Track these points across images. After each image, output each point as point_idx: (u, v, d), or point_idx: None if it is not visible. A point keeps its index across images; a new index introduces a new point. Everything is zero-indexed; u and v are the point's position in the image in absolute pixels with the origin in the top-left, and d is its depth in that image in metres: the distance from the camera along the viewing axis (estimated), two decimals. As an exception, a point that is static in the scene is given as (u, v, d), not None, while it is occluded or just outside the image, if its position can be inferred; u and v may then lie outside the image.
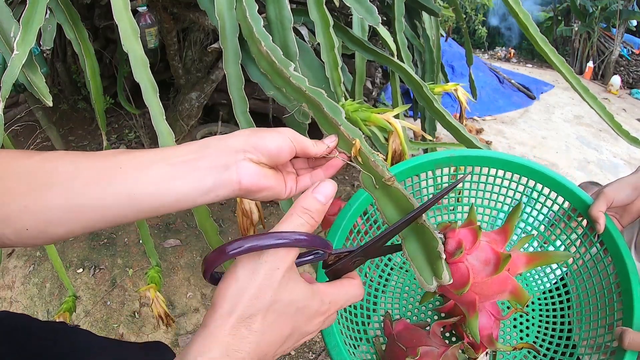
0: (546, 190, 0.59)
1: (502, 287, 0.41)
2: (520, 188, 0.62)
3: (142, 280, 1.73)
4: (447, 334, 0.58)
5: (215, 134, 2.43)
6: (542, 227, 0.63)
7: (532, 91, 4.20)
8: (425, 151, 1.51)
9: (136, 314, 1.60)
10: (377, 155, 0.43)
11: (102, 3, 1.64)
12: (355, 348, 0.53)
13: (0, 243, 0.32)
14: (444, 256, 0.36)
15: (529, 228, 0.64)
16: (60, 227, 0.33)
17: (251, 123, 0.66)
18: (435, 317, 0.60)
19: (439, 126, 1.03)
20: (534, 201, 0.62)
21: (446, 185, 0.62)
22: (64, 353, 0.61)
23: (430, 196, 0.64)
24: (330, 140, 0.44)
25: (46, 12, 0.74)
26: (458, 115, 1.28)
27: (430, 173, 0.61)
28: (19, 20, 0.69)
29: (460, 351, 0.50)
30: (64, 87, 2.48)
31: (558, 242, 0.61)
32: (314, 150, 0.42)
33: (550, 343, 0.57)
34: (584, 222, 0.56)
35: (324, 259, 0.35)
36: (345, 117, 0.46)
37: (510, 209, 0.65)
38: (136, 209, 0.34)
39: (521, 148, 3.19)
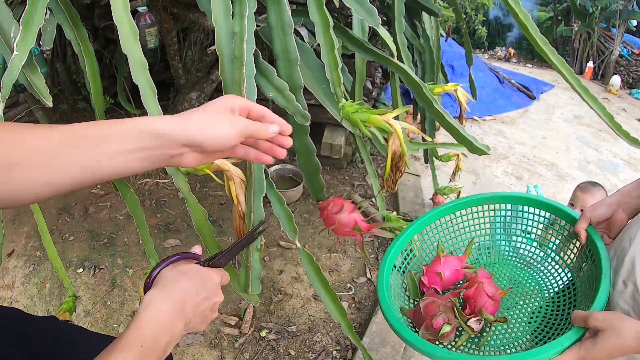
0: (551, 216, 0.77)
1: None
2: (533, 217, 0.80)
3: (142, 280, 1.73)
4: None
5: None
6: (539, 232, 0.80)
7: (532, 91, 4.20)
8: (425, 152, 1.51)
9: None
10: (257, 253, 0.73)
11: (102, 3, 1.64)
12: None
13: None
14: None
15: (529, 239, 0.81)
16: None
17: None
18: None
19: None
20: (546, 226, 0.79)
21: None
22: (66, 342, 0.63)
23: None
24: (272, 130, 0.53)
25: (46, 13, 0.74)
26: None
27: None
28: (19, 21, 0.69)
29: (458, 303, 0.70)
30: (64, 87, 2.48)
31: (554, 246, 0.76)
32: (259, 134, 0.52)
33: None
34: (578, 243, 0.70)
35: (201, 261, 0.58)
36: (266, 193, 0.69)
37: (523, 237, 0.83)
38: (95, 179, 0.43)
39: (521, 148, 3.19)
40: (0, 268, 1.74)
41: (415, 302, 0.77)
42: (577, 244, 0.71)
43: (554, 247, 0.76)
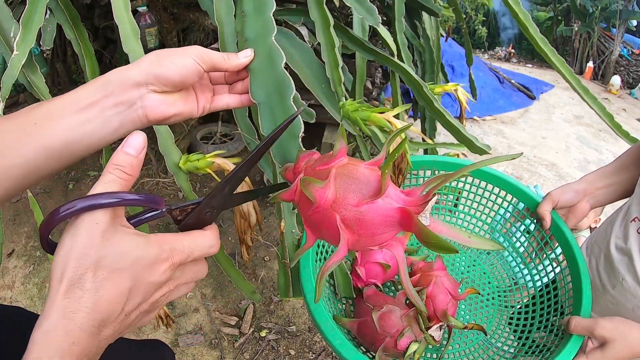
0: (503, 193, 0.68)
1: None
2: (487, 194, 0.71)
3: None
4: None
5: (215, 134, 2.43)
6: (503, 225, 0.71)
7: (532, 91, 4.20)
8: (425, 152, 1.51)
9: (136, 314, 1.60)
10: None
11: (102, 3, 1.64)
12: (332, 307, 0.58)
13: None
14: None
15: (494, 223, 0.72)
16: None
17: (251, 128, 0.66)
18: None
19: (439, 126, 1.03)
20: (493, 203, 0.70)
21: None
22: None
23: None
24: (245, 55, 0.43)
25: (46, 12, 0.74)
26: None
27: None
28: (18, 21, 0.69)
29: (418, 315, 0.55)
30: (64, 87, 2.48)
31: (518, 234, 0.69)
32: (225, 65, 0.42)
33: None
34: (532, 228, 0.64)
35: (163, 215, 0.34)
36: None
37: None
38: (55, 159, 0.36)
39: (521, 148, 3.19)
40: (0, 268, 1.74)
41: (349, 304, 0.61)
42: (532, 229, 0.66)
43: (503, 229, 0.69)
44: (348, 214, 0.31)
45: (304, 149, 0.40)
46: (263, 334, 1.53)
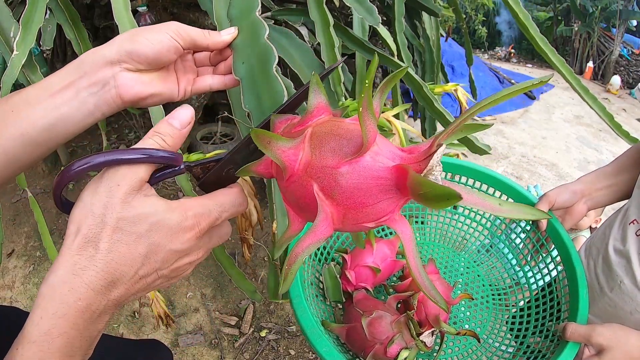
0: (498, 194, 0.67)
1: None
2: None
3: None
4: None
5: (215, 134, 2.43)
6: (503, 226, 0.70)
7: (532, 91, 4.20)
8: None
9: (136, 314, 1.60)
10: None
11: (102, 3, 1.64)
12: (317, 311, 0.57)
13: None
14: None
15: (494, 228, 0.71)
16: None
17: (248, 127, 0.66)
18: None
19: (439, 126, 1.03)
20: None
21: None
22: None
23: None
24: (227, 32, 0.41)
25: (46, 12, 0.74)
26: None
27: None
28: (18, 21, 0.69)
29: (409, 321, 0.54)
30: (64, 87, 2.48)
31: (513, 235, 0.68)
32: (206, 41, 0.39)
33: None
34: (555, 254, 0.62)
35: (181, 172, 0.32)
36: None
37: None
38: (34, 146, 0.35)
39: (521, 148, 3.19)
40: (0, 268, 1.74)
41: (338, 308, 0.61)
42: (528, 230, 0.65)
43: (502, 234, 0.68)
44: (327, 179, 0.25)
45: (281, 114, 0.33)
46: (263, 334, 1.53)
